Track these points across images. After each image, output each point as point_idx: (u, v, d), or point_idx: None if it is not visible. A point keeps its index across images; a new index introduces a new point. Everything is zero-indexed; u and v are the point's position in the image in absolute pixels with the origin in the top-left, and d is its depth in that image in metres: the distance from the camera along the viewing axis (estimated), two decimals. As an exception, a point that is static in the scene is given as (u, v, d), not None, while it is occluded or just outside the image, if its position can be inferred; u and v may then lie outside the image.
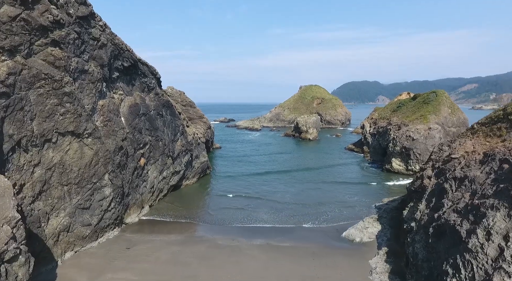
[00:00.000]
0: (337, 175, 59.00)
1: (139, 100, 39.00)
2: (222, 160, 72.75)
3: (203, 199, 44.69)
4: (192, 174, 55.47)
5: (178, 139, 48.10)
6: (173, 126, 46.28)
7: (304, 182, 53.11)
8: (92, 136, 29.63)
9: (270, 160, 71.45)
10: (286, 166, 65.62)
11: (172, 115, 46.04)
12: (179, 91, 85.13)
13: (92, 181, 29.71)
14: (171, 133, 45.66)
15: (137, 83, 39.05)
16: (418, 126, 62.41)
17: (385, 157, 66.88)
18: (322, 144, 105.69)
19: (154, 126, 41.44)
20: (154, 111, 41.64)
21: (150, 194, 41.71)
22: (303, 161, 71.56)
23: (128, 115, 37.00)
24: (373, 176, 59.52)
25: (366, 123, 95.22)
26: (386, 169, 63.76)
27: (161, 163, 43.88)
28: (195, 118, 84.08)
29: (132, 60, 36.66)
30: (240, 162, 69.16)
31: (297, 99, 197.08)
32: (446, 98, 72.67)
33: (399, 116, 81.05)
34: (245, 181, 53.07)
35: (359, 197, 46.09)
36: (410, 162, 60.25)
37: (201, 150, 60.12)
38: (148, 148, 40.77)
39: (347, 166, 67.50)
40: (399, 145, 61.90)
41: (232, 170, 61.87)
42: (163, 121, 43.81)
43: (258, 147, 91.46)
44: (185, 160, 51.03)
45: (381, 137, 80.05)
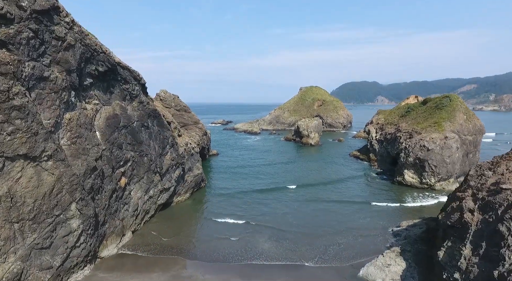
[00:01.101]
0: (344, 191, 53.28)
1: (119, 110, 33.37)
2: (218, 170, 67.02)
3: (194, 224, 38.94)
4: (184, 189, 49.87)
5: (167, 153, 42.48)
6: (161, 138, 40.66)
7: (308, 201, 47.15)
8: (53, 158, 23.97)
9: (270, 172, 65.36)
10: (287, 179, 59.57)
11: (159, 126, 40.41)
12: (173, 95, 79.49)
13: (53, 213, 24.06)
14: (158, 146, 40.04)
15: (116, 90, 33.41)
16: (433, 135, 56.94)
17: (396, 168, 61.43)
18: (325, 150, 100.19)
19: (137, 140, 35.83)
20: (137, 123, 36.00)
21: (133, 218, 36.08)
22: (306, 172, 65.69)
23: (105, 128, 31.37)
24: (384, 190, 54.01)
25: (371, 129, 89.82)
26: (397, 181, 58.30)
27: (146, 181, 38.27)
28: (190, 124, 78.46)
29: (109, 64, 31.01)
30: (237, 174, 63.24)
31: (297, 101, 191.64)
32: (460, 104, 67.32)
33: (408, 122, 75.68)
34: (242, 200, 47.13)
35: (372, 218, 40.58)
36: (425, 174, 54.81)
37: (195, 161, 54.52)
38: (130, 165, 35.15)
39: (354, 178, 61.82)
40: (412, 155, 56.43)
41: (228, 184, 56.05)
42: (149, 134, 38.17)
43: (257, 155, 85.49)
44: (176, 175, 45.43)
45: (390, 145, 74.65)
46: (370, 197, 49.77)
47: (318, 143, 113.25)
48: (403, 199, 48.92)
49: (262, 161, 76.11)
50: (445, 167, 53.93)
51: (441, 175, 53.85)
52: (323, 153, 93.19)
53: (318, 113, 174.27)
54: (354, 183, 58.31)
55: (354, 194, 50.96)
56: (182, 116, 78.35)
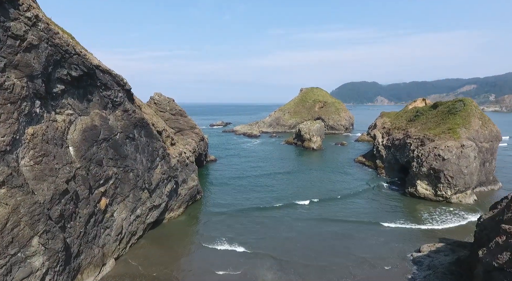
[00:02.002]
0: (352, 207, 48.23)
1: (98, 120, 28.81)
2: (216, 181, 62.02)
3: (187, 250, 34.01)
4: (177, 203, 45.32)
5: (158, 166, 37.92)
6: (149, 150, 36.08)
7: (312, 220, 41.80)
8: (7, 185, 19.44)
9: (270, 184, 59.66)
10: (289, 194, 53.84)
11: (148, 136, 35.83)
12: (168, 98, 74.95)
13: (8, 252, 19.52)
14: (146, 160, 35.47)
15: (95, 98, 28.85)
16: (448, 143, 52.45)
17: (407, 177, 56.95)
18: (328, 155, 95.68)
19: (121, 153, 31.26)
20: (121, 134, 31.42)
21: (116, 243, 31.52)
22: (309, 185, 59.99)
23: (81, 143, 26.82)
24: (396, 205, 49.49)
25: (377, 134, 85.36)
26: (409, 193, 53.83)
27: (132, 199, 33.71)
28: (186, 129, 73.92)
29: (84, 68, 26.44)
30: (236, 186, 57.62)
31: (298, 102, 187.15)
32: (475, 108, 62.88)
33: (417, 127, 71.23)
34: (240, 219, 41.66)
35: (387, 241, 35.98)
36: (440, 186, 50.32)
37: (190, 172, 49.97)
38: (112, 184, 30.58)
39: (362, 190, 56.89)
40: (425, 165, 51.93)
41: (226, 199, 50.95)
42: (135, 146, 33.59)
43: (257, 162, 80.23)
44: (168, 189, 40.88)
45: (398, 151, 70.20)
46: (382, 214, 44.92)
47: (321, 147, 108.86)
48: (419, 215, 44.38)
49: (262, 170, 71.11)
50: (463, 178, 49.46)
51: (458, 187, 49.38)
52: (326, 159, 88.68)
53: (319, 116, 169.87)
54: (363, 197, 53.21)
55: (363, 211, 46.00)
56: (178, 121, 73.82)
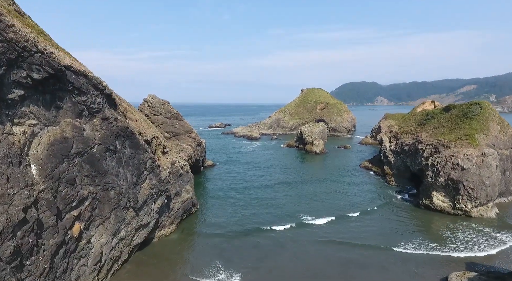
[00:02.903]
0: (363, 224, 42.43)
1: (71, 131, 24.18)
2: (213, 192, 56.49)
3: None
4: (170, 219, 40.73)
5: (145, 180, 33.28)
6: (135, 163, 31.43)
7: (319, 243, 36.56)
8: None
9: (270, 197, 53.94)
10: (290, 209, 48.01)
11: (133, 147, 31.19)
12: (163, 100, 70.34)
13: None
14: (132, 174, 30.84)
15: (66, 104, 24.21)
16: (467, 150, 47.90)
17: (421, 187, 52.43)
18: (331, 160, 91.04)
19: (99, 169, 26.63)
20: (100, 147, 26.79)
21: (94, 273, 26.91)
22: (312, 197, 54.26)
23: (47, 159, 22.21)
24: (411, 219, 44.89)
25: (384, 138, 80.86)
26: (423, 205, 49.28)
27: (114, 221, 29.09)
28: (181, 133, 69.32)
29: (50, 69, 21.81)
30: (234, 200, 51.75)
31: (299, 103, 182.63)
32: (493, 112, 58.38)
33: (429, 132, 66.77)
34: (238, 242, 36.11)
35: (407, 266, 31.44)
36: (459, 198, 45.78)
37: (184, 183, 45.39)
38: (89, 205, 25.97)
39: (372, 203, 51.97)
40: (443, 175, 47.38)
41: (223, 215, 45.07)
42: (117, 159, 28.96)
43: (257, 170, 74.39)
44: (158, 205, 36.29)
45: (408, 158, 65.72)
46: (397, 233, 39.63)
47: (323, 151, 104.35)
48: (439, 233, 39.71)
49: (262, 180, 65.37)
50: (484, 190, 44.93)
51: (479, 200, 44.85)
52: (330, 164, 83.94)
53: (321, 117, 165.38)
54: (374, 212, 47.26)
55: (376, 230, 40.55)
56: (173, 124, 69.22)
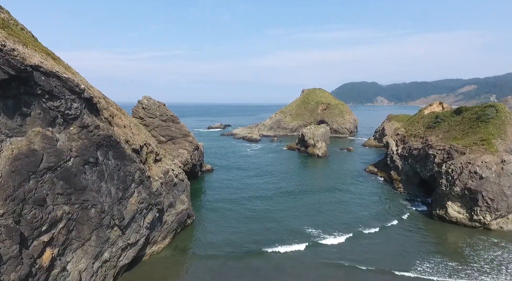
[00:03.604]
0: (373, 240, 37.85)
1: (40, 143, 20.58)
2: (210, 203, 51.28)
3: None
4: (162, 234, 37.12)
5: (133, 194, 29.67)
6: (120, 176, 27.81)
7: (326, 267, 32.03)
8: None
9: (272, 209, 48.94)
10: (294, 225, 42.71)
11: (118, 158, 27.56)
12: (158, 102, 66.76)
13: None
14: (117, 188, 27.22)
15: (35, 111, 20.60)
16: (485, 157, 44.34)
17: (433, 196, 48.89)
18: (335, 163, 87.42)
19: (76, 185, 23.02)
20: (77, 159, 23.17)
21: (71, 304, 23.33)
22: (318, 209, 49.62)
23: (8, 177, 18.63)
24: (424, 231, 41.32)
25: (391, 141, 77.32)
26: (437, 216, 45.72)
27: (96, 243, 25.49)
28: (178, 137, 65.74)
29: (11, 69, 18.20)
30: (232, 212, 47.79)
31: (300, 104, 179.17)
32: (509, 115, 54.80)
33: (439, 135, 63.25)
34: (235, 264, 32.34)
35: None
36: (477, 209, 42.21)
37: (179, 193, 41.80)
38: (64, 227, 22.37)
39: (381, 213, 48.29)
40: (459, 184, 43.80)
41: (219, 231, 40.72)
42: (99, 173, 25.33)
43: (258, 176, 69.46)
44: (148, 220, 32.68)
45: (418, 163, 62.14)
46: (411, 251, 35.02)
47: (326, 154, 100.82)
48: (459, 250, 35.97)
49: (262, 189, 60.67)
50: (505, 201, 41.38)
51: (499, 212, 41.28)
52: (333, 169, 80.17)
53: (322, 118, 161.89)
54: (384, 226, 42.85)
55: (388, 249, 35.93)
56: (169, 128, 65.65)
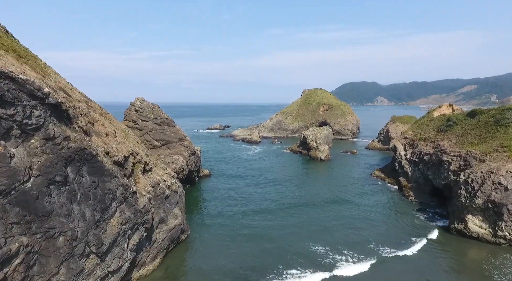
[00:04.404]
0: (389, 264, 33.06)
1: (-11, 160, 16.43)
2: (206, 216, 46.40)
3: None
4: (152, 254, 32.97)
5: (115, 214, 25.48)
6: (98, 195, 23.60)
7: None
8: None
9: (274, 227, 42.93)
10: (299, 247, 36.75)
11: (95, 174, 23.35)
12: (152, 104, 62.62)
13: None
14: (93, 210, 23.04)
15: (-18, 121, 16.49)
16: (510, 166, 40.26)
17: (450, 207, 44.85)
18: (338, 168, 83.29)
19: (38, 211, 18.87)
20: (39, 179, 19.01)
21: None
22: (325, 221, 44.75)
23: None
24: (443, 249, 37.19)
25: (398, 145, 73.20)
26: (455, 230, 41.65)
27: (67, 276, 21.30)
28: (173, 141, 61.55)
29: None
30: (229, 229, 42.23)
31: (301, 105, 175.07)
32: (530, 119, 50.76)
33: (452, 140, 59.14)
34: None
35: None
36: (502, 224, 38.11)
37: (172, 206, 37.66)
38: (21, 263, 18.22)
39: (394, 226, 44.06)
40: (481, 196, 39.70)
41: (216, 253, 35.59)
42: (70, 193, 21.16)
43: (258, 184, 63.91)
44: (134, 242, 28.53)
45: (430, 170, 58.02)
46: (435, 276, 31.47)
47: (329, 157, 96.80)
48: (483, 272, 31.72)
49: (263, 199, 54.96)
50: (533, 216, 37.36)
51: (528, 227, 37.29)
52: (338, 175, 75.93)
53: (324, 119, 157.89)
54: (399, 244, 38.55)
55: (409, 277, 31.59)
56: (164, 131, 61.48)
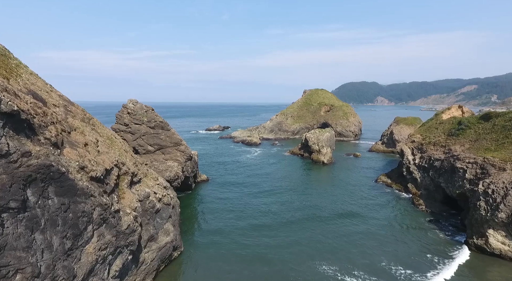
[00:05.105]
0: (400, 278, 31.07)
1: None
2: (201, 228, 42.60)
3: None
4: (139, 276, 29.34)
5: (91, 239, 21.82)
6: (68, 219, 19.96)
7: None
8: None
9: (279, 243, 38.72)
10: (309, 269, 33.14)
11: (64, 195, 19.71)
12: (146, 106, 58.93)
13: None
14: (62, 237, 19.39)
15: None
16: (535, 176, 36.73)
17: (467, 219, 41.27)
18: (342, 173, 79.62)
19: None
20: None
21: None
22: (333, 239, 40.47)
23: None
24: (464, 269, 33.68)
25: (406, 149, 69.60)
26: (474, 245, 38.10)
27: (30, 319, 17.73)
28: (168, 146, 57.88)
29: None
30: (227, 247, 37.78)
31: (302, 105, 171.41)
32: (552, 123, 47.22)
33: (465, 145, 55.56)
34: None
35: None
36: (527, 241, 34.66)
37: (163, 221, 34.03)
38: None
39: (408, 243, 40.44)
40: (504, 209, 36.11)
41: (212, 277, 31.74)
42: (30, 221, 17.53)
43: (257, 193, 60.07)
44: (117, 268, 24.89)
45: (442, 177, 54.43)
46: None
47: (332, 160, 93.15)
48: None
49: (262, 211, 50.20)
50: None
51: (557, 245, 33.76)
52: (342, 180, 72.27)
53: (325, 121, 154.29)
54: (414, 264, 35.13)
55: None
56: (158, 135, 57.80)
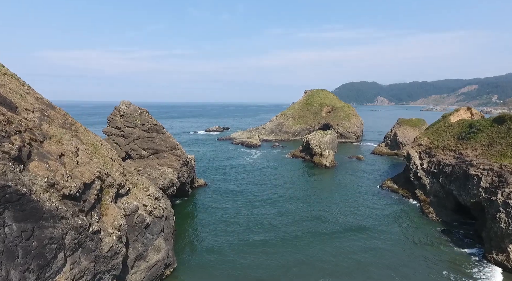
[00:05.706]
0: None
1: None
2: (197, 243, 39.17)
3: None
4: (126, 301, 26.21)
5: (63, 268, 18.66)
6: (31, 248, 16.80)
7: None
8: None
9: (282, 263, 34.52)
10: None
11: (26, 220, 16.50)
12: (139, 109, 55.73)
13: None
14: (23, 270, 16.21)
15: None
16: (561, 187, 33.66)
17: (484, 232, 38.17)
18: (345, 176, 76.44)
19: None
20: None
21: None
22: (336, 257, 36.59)
23: None
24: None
25: (412, 153, 66.44)
26: (493, 261, 35.01)
27: None
28: (163, 150, 54.68)
29: None
30: (225, 266, 33.97)
31: (302, 106, 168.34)
32: None
33: (477, 149, 52.39)
34: None
35: None
36: (554, 258, 31.58)
37: (154, 237, 30.88)
38: None
39: (414, 251, 37.29)
40: (527, 223, 33.09)
41: None
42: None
43: (257, 202, 55.87)
44: (98, 296, 21.76)
45: (453, 183, 51.28)
46: None
47: (334, 163, 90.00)
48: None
49: (262, 224, 46.03)
50: None
51: None
52: (345, 185, 68.93)
53: (327, 122, 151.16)
54: None
55: None
56: (153, 139, 54.61)
